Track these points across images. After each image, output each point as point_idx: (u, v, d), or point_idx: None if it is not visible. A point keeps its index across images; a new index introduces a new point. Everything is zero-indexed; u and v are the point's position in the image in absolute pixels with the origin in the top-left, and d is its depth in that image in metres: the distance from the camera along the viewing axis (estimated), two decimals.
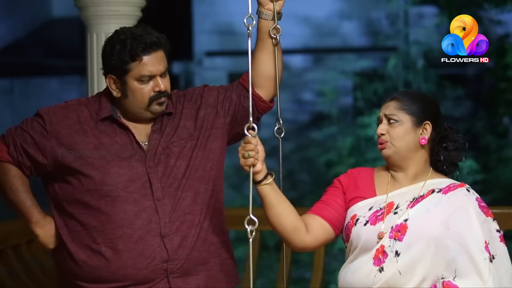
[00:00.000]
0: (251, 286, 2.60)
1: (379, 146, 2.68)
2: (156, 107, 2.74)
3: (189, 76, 11.54)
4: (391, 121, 2.66)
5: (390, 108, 2.68)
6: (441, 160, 2.71)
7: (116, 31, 2.76)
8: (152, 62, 2.70)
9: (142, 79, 2.70)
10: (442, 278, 2.58)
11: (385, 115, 2.68)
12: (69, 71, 10.64)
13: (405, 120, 2.66)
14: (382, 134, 2.67)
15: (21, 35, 10.68)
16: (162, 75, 2.73)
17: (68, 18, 10.14)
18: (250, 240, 2.54)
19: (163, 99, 2.74)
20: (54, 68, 10.85)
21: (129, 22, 3.97)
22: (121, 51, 2.69)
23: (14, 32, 10.52)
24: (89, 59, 4.07)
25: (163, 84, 2.72)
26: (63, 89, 10.83)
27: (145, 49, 2.69)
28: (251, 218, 2.55)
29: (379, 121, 2.70)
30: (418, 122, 2.66)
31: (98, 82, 4.00)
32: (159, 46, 2.71)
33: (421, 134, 2.67)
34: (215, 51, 11.57)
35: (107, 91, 2.80)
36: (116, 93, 2.74)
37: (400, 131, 2.66)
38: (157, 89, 2.72)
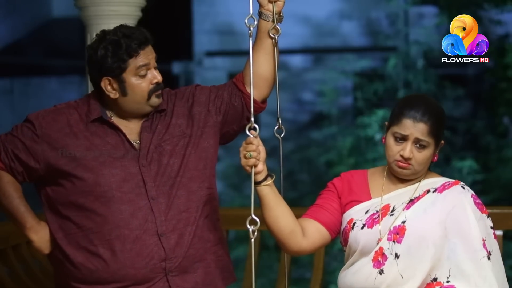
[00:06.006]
0: (253, 285, 2.58)
1: (402, 165, 2.61)
2: (155, 100, 2.76)
3: (189, 76, 11.55)
4: (420, 145, 2.60)
5: (424, 132, 2.59)
6: None
7: (101, 34, 2.75)
8: (146, 54, 2.73)
9: (139, 73, 2.72)
10: (448, 281, 2.57)
11: (416, 138, 2.60)
12: (69, 71, 10.65)
13: (431, 144, 2.61)
14: (409, 158, 2.60)
15: (21, 35, 10.69)
16: (155, 68, 2.76)
17: (68, 18, 10.15)
18: (252, 240, 2.53)
19: (160, 90, 2.77)
20: (54, 68, 10.87)
21: (129, 22, 3.96)
22: (118, 51, 2.70)
23: (14, 32, 10.53)
24: None
25: (159, 75, 2.76)
26: (63, 89, 10.84)
27: (140, 45, 2.71)
28: (253, 218, 2.53)
29: (401, 138, 2.61)
30: (438, 144, 2.63)
31: None
32: (149, 40, 2.75)
33: (435, 152, 2.65)
34: (215, 51, 11.58)
35: (95, 93, 2.81)
36: (113, 95, 2.75)
37: (426, 155, 2.61)
38: (155, 81, 2.74)
